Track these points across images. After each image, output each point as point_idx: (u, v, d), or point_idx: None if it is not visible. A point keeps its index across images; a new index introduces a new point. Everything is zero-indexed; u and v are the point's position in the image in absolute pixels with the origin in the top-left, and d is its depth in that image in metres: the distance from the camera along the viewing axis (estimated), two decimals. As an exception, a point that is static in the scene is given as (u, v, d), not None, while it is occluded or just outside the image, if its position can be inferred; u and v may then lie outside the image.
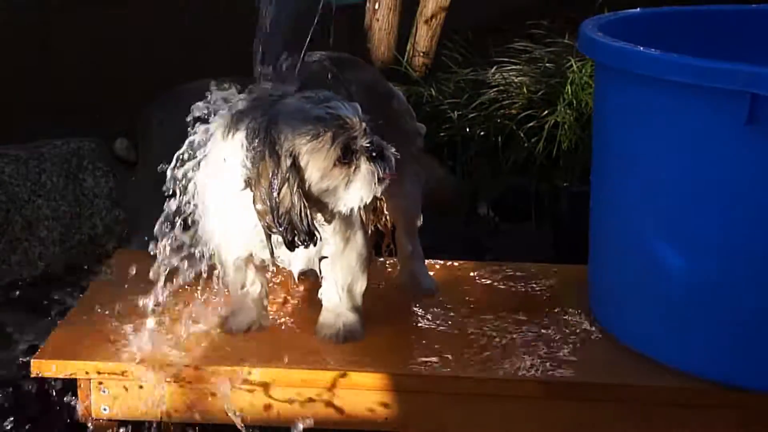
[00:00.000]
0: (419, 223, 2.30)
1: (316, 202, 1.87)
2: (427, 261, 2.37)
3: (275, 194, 1.82)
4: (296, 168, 1.83)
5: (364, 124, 1.85)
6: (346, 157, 1.84)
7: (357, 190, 1.87)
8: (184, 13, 3.64)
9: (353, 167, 1.85)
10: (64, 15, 3.38)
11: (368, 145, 1.85)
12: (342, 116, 1.83)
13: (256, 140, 1.84)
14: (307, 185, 1.85)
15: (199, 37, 3.64)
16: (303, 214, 1.83)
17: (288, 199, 1.82)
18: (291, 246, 1.87)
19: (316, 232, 1.86)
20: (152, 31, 3.55)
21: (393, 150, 1.88)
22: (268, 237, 1.89)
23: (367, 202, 1.90)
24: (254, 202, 1.86)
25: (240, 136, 1.87)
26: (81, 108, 3.30)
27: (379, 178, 1.86)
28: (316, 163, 1.83)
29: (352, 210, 1.93)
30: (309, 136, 1.82)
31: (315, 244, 1.88)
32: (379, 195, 1.92)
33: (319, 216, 1.89)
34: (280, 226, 1.84)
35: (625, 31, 2.08)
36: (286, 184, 1.82)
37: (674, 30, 2.30)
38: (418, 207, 2.28)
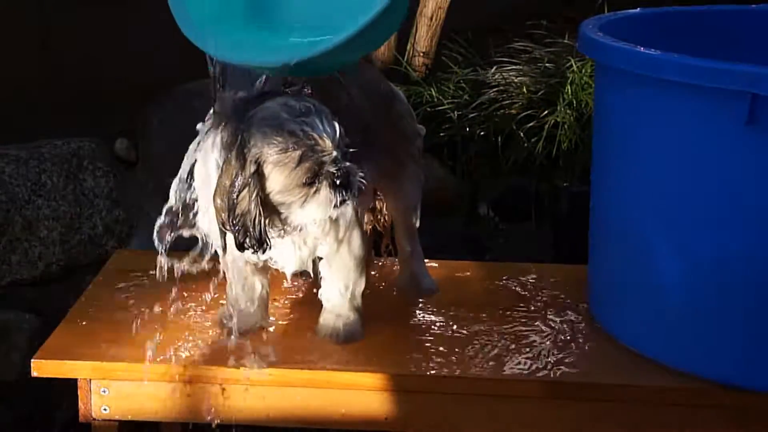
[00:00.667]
0: (418, 223, 2.30)
1: (272, 211, 1.87)
2: (427, 261, 2.37)
3: (234, 195, 1.83)
4: (259, 175, 1.83)
5: (334, 151, 1.83)
6: (309, 179, 1.83)
7: (312, 210, 1.87)
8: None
9: (314, 189, 1.85)
10: (64, 15, 3.38)
11: (334, 171, 1.84)
12: (315, 137, 1.82)
13: (230, 138, 1.85)
14: (265, 194, 1.85)
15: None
16: (257, 220, 1.84)
17: (246, 203, 1.83)
18: (240, 247, 1.88)
19: (267, 240, 1.87)
20: (152, 31, 3.55)
21: (361, 177, 1.86)
22: (222, 234, 1.90)
23: (318, 220, 1.91)
24: (213, 197, 1.86)
25: (218, 133, 1.89)
26: (81, 108, 3.30)
27: (336, 205, 1.86)
28: (278, 176, 1.84)
29: (325, 219, 1.94)
30: (278, 149, 1.82)
31: (264, 252, 1.89)
32: (333, 217, 1.93)
33: (277, 222, 1.89)
34: (234, 227, 1.85)
35: (625, 31, 2.08)
36: (247, 189, 1.83)
37: (674, 30, 2.30)
38: (417, 207, 2.28)
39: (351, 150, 1.87)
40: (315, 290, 2.13)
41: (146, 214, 3.19)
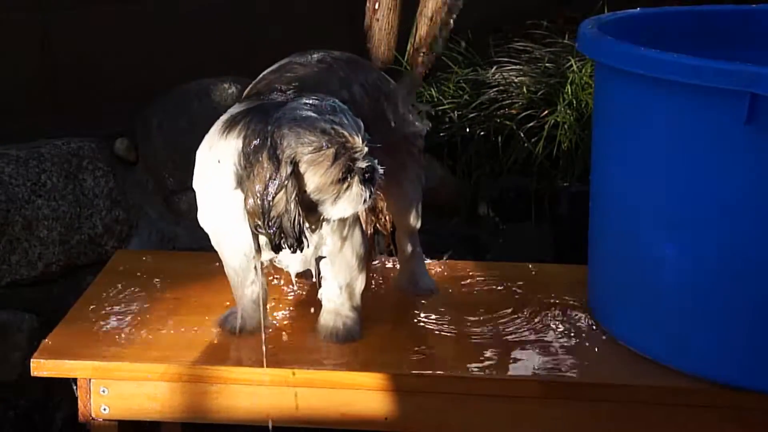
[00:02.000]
0: (419, 223, 2.30)
1: (307, 209, 1.88)
2: (427, 261, 2.37)
3: (270, 197, 1.83)
4: (296, 175, 1.84)
5: (364, 146, 1.87)
6: (343, 176, 1.86)
7: (344, 206, 1.89)
8: (184, 13, 3.63)
9: (346, 185, 1.87)
10: (64, 15, 3.38)
11: (364, 167, 1.87)
12: (346, 134, 1.85)
13: (256, 141, 1.84)
14: (302, 194, 1.86)
15: (200, 37, 3.63)
16: (296, 221, 1.85)
17: (283, 204, 1.84)
18: (277, 249, 1.89)
19: (305, 239, 1.88)
20: (152, 31, 3.55)
21: (381, 173, 1.90)
22: (255, 237, 1.90)
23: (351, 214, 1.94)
24: (245, 200, 1.86)
25: (235, 136, 1.87)
26: (81, 108, 3.30)
27: (365, 200, 1.89)
28: (314, 176, 1.85)
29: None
30: (311, 148, 1.84)
31: (302, 250, 1.90)
32: (360, 210, 1.95)
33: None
34: (270, 228, 1.86)
35: (625, 31, 2.08)
36: (284, 190, 1.84)
37: (674, 30, 2.30)
38: (418, 208, 2.28)
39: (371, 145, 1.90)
40: (314, 289, 2.13)
41: (146, 214, 3.19)
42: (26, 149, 2.99)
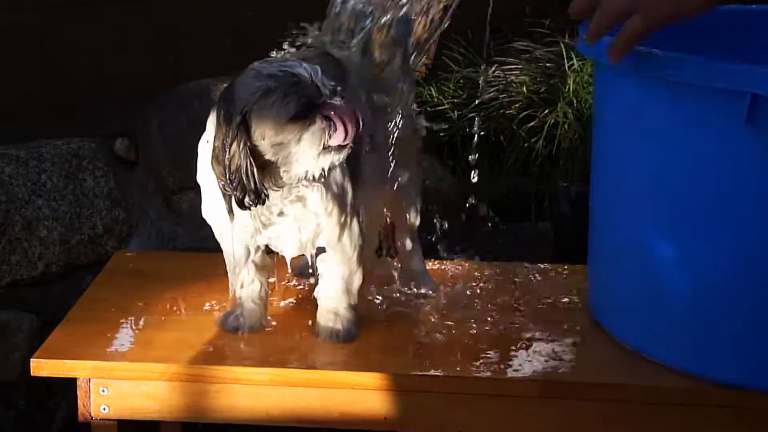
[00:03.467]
0: (418, 221, 2.30)
1: (268, 163, 1.86)
2: (426, 261, 2.37)
3: (227, 153, 1.83)
4: (246, 125, 1.83)
5: (319, 84, 1.83)
6: (298, 112, 1.82)
7: (308, 146, 1.84)
8: (184, 13, 3.63)
9: (306, 122, 1.83)
10: (64, 15, 3.38)
11: (322, 102, 1.83)
12: (296, 74, 1.82)
13: (222, 108, 1.86)
14: (259, 142, 1.84)
15: (200, 37, 3.63)
16: (249, 171, 1.83)
17: (237, 156, 1.83)
18: (241, 205, 1.87)
19: (264, 192, 1.86)
20: (152, 31, 3.55)
21: (358, 113, 1.85)
22: (227, 198, 1.89)
23: (324, 168, 1.87)
24: (211, 164, 1.87)
25: (213, 112, 1.91)
26: (81, 108, 3.30)
27: (330, 135, 1.83)
28: (266, 119, 1.83)
29: (340, 187, 1.95)
30: (260, 93, 1.82)
31: (263, 203, 1.88)
32: (336, 162, 1.88)
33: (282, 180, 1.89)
34: (232, 185, 1.84)
35: (625, 31, 2.07)
36: (235, 141, 1.82)
37: (674, 30, 2.29)
38: (417, 206, 2.28)
39: (339, 91, 1.86)
40: (313, 288, 2.13)
41: (146, 214, 3.19)
42: (26, 149, 2.99)
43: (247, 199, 1.86)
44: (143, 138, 3.25)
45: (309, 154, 1.85)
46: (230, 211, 1.92)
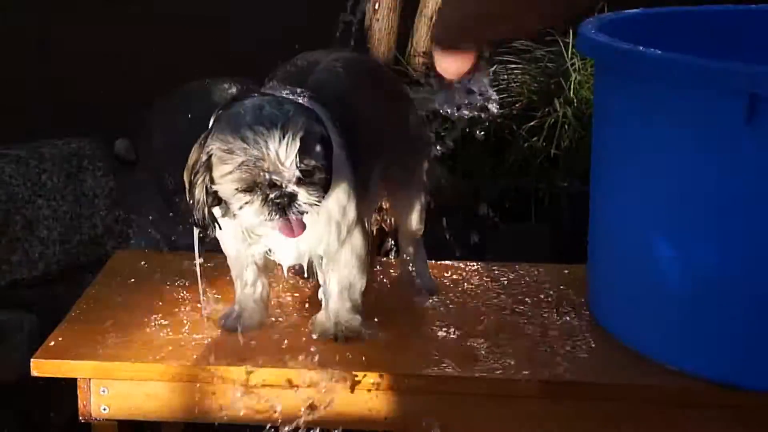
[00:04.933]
0: (422, 228, 2.30)
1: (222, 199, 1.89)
2: (427, 261, 2.37)
3: (192, 178, 1.87)
4: (209, 166, 1.85)
5: (276, 174, 1.80)
6: (244, 188, 1.83)
7: (246, 216, 1.86)
8: (185, 14, 3.64)
9: (249, 198, 1.83)
10: (64, 15, 3.38)
11: (271, 194, 1.82)
12: (263, 151, 1.79)
13: (209, 126, 1.90)
14: (217, 184, 1.86)
15: (199, 38, 3.64)
16: (201, 205, 1.87)
17: (197, 188, 1.87)
18: (195, 224, 1.92)
19: (212, 226, 1.90)
20: (152, 31, 3.55)
21: (309, 202, 1.84)
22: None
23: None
24: (183, 172, 1.90)
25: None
26: (81, 108, 3.30)
27: (266, 220, 1.84)
28: (219, 174, 1.84)
29: (342, 210, 1.95)
30: (225, 148, 1.82)
31: (207, 237, 1.94)
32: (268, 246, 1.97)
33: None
34: (190, 203, 1.89)
35: (625, 31, 2.08)
36: (199, 174, 1.86)
37: (674, 30, 2.30)
38: (422, 213, 2.28)
39: (312, 171, 1.83)
40: (314, 288, 2.13)
41: (146, 214, 3.19)
42: (26, 149, 2.99)
43: (198, 224, 1.91)
44: (143, 138, 3.25)
45: (250, 220, 1.87)
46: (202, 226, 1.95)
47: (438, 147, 2.26)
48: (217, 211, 1.91)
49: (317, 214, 1.93)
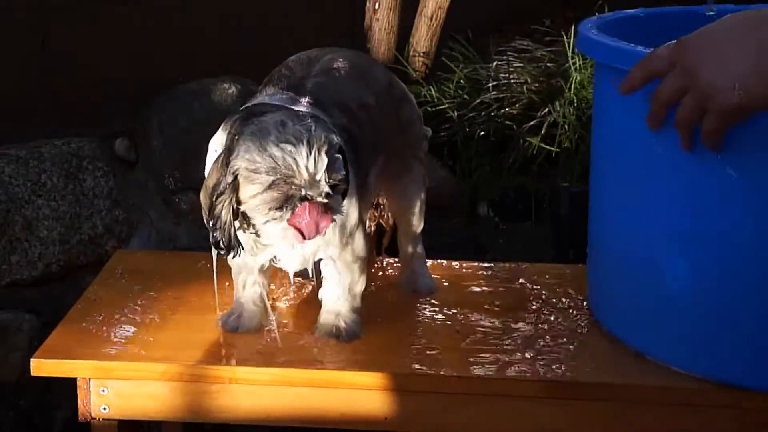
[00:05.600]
0: (421, 226, 2.30)
1: (245, 218, 1.88)
2: (427, 261, 2.37)
3: (214, 198, 1.85)
4: (235, 187, 1.83)
5: (308, 189, 1.80)
6: (275, 206, 1.82)
7: (273, 233, 1.86)
8: (184, 13, 3.64)
9: (279, 215, 1.83)
10: (64, 15, 3.38)
11: (305, 200, 1.82)
12: (294, 168, 1.79)
13: (227, 141, 1.87)
14: (239, 204, 1.85)
15: (199, 37, 3.64)
16: (226, 228, 1.85)
17: (220, 207, 1.85)
18: (216, 245, 1.89)
19: (237, 246, 1.88)
20: (152, 31, 3.55)
21: (335, 215, 1.85)
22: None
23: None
24: (200, 193, 1.89)
25: (224, 130, 1.91)
26: (81, 108, 3.30)
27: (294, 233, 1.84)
28: (247, 193, 1.83)
29: (345, 212, 1.94)
30: (253, 168, 1.81)
31: (234, 256, 1.90)
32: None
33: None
34: (210, 224, 1.87)
35: (625, 31, 2.08)
36: (224, 195, 1.84)
37: (674, 30, 2.29)
38: (421, 210, 2.28)
39: (338, 183, 1.84)
40: (314, 289, 2.13)
41: (146, 214, 3.19)
42: (26, 149, 2.99)
43: (220, 244, 1.88)
44: (143, 138, 3.25)
45: (272, 235, 1.87)
46: (212, 243, 1.93)
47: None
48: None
49: None
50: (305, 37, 2.58)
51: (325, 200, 1.83)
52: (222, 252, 1.90)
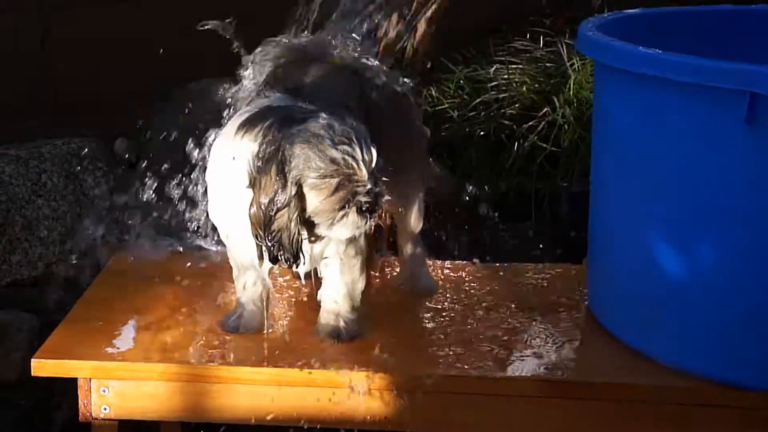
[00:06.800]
0: (421, 225, 2.30)
1: (307, 225, 1.91)
2: (427, 261, 2.37)
3: (273, 212, 1.86)
4: (299, 197, 1.86)
5: (369, 183, 1.87)
6: (341, 206, 1.87)
7: (339, 231, 1.91)
8: (184, 13, 3.63)
9: (343, 213, 1.88)
10: (64, 15, 3.38)
11: (363, 201, 1.87)
12: (354, 166, 1.85)
13: (270, 150, 1.86)
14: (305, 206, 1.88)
15: (199, 37, 3.63)
16: (294, 239, 1.88)
17: (284, 220, 1.86)
18: (274, 260, 1.91)
19: (302, 256, 1.91)
20: (152, 31, 3.55)
21: (385, 199, 1.91)
22: (258, 246, 1.92)
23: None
24: (249, 207, 1.87)
25: (251, 138, 1.88)
26: (81, 108, 3.30)
27: (360, 228, 1.91)
28: (314, 199, 1.87)
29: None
30: (317, 174, 1.85)
31: (297, 266, 1.93)
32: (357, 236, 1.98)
33: (304, 233, 1.92)
34: (268, 240, 1.88)
35: (625, 31, 2.08)
36: (287, 208, 1.86)
37: (674, 30, 2.30)
38: (420, 209, 2.28)
39: (381, 175, 1.90)
40: (314, 289, 2.13)
41: (146, 214, 3.18)
42: (26, 149, 3.00)
43: (281, 257, 1.90)
44: (143, 138, 3.25)
45: (337, 235, 1.93)
46: (260, 257, 1.94)
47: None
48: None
49: None
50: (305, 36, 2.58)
51: (376, 187, 1.89)
52: (286, 264, 1.92)
